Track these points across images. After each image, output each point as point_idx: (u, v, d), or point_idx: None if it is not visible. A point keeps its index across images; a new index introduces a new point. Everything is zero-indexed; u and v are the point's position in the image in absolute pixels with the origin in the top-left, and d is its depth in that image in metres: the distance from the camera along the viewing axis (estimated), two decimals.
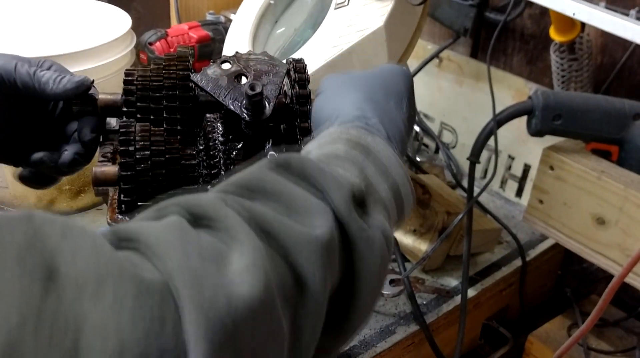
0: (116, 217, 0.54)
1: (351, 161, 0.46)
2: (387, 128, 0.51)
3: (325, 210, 0.41)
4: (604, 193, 0.79)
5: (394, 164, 0.48)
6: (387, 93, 0.54)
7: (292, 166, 0.42)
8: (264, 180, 0.41)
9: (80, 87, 0.58)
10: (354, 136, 0.48)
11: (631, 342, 0.91)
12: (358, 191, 0.44)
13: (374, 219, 0.44)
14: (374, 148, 0.48)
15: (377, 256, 0.43)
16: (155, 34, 1.23)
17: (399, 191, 0.48)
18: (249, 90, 0.55)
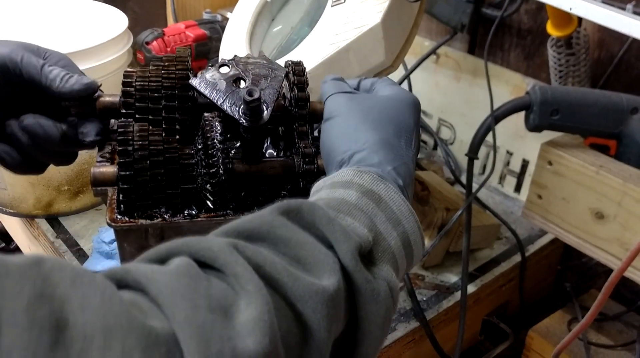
0: (115, 217, 0.54)
1: (361, 209, 0.46)
2: (399, 173, 0.51)
3: (333, 261, 0.41)
4: (603, 187, 0.79)
5: (405, 213, 0.48)
6: (398, 131, 0.54)
7: (303, 214, 0.43)
8: (274, 226, 0.41)
9: (87, 90, 0.58)
10: (367, 183, 0.48)
11: (631, 335, 0.91)
12: (365, 242, 0.44)
13: (381, 271, 0.44)
14: (385, 196, 0.48)
15: (382, 308, 0.43)
16: (152, 33, 1.23)
17: (409, 240, 0.48)
18: (247, 96, 0.55)
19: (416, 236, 0.49)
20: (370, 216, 0.46)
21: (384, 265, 0.45)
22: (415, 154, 0.55)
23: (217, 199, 0.56)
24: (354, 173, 0.49)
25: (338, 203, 0.46)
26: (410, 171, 0.53)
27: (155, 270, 0.34)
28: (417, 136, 0.56)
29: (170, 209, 0.55)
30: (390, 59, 0.82)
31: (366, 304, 0.42)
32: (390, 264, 0.46)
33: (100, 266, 0.88)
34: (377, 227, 0.46)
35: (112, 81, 1.01)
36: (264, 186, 0.59)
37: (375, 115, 0.54)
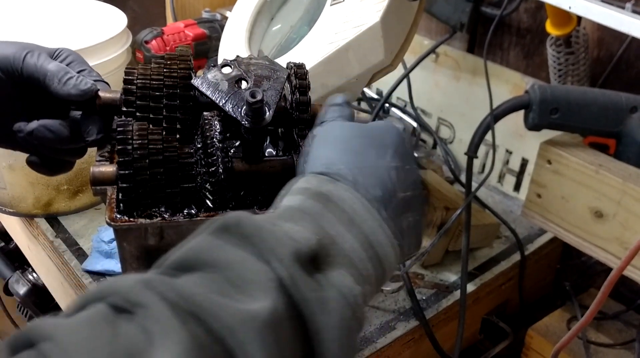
0: (115, 216, 0.54)
1: (305, 212, 0.43)
2: (355, 176, 0.47)
3: (267, 277, 0.37)
4: (602, 186, 0.79)
5: (360, 212, 0.44)
6: (367, 144, 0.50)
7: (230, 228, 0.39)
8: (201, 251, 0.38)
9: (84, 96, 0.57)
10: (314, 185, 0.45)
11: (630, 334, 0.92)
12: (305, 247, 0.39)
13: (330, 277, 0.40)
14: (335, 196, 0.44)
15: (335, 319, 0.38)
16: (151, 32, 1.23)
17: (369, 241, 0.44)
18: (250, 97, 0.55)
19: (378, 236, 0.44)
20: (316, 219, 0.42)
21: (335, 270, 0.41)
22: (397, 170, 0.50)
23: (216, 198, 0.56)
24: (304, 179, 0.47)
25: (281, 212, 0.43)
26: (379, 180, 0.48)
27: (58, 324, 0.32)
28: (400, 156, 0.51)
29: (169, 209, 0.55)
30: (389, 58, 0.82)
31: (313, 317, 0.37)
32: (345, 268, 0.41)
33: (100, 266, 0.88)
34: (325, 230, 0.42)
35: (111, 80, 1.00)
36: (263, 185, 0.59)
37: (345, 132, 0.52)
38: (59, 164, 0.64)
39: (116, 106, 0.60)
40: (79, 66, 0.61)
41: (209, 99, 0.58)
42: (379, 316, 0.85)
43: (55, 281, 0.99)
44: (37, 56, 0.58)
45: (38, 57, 0.58)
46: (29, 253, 1.09)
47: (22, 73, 0.57)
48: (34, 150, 0.62)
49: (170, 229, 0.55)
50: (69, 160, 0.65)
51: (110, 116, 0.62)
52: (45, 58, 0.58)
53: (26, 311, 1.16)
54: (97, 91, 0.59)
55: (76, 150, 0.63)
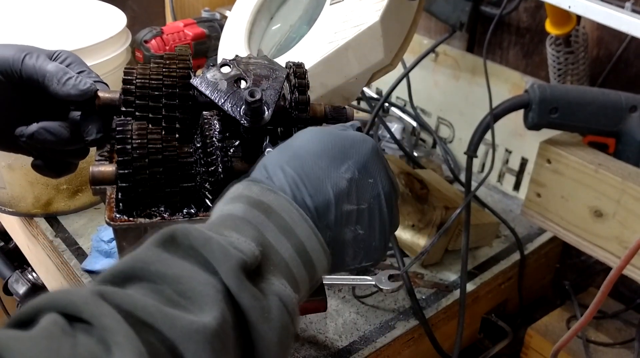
0: (114, 216, 0.54)
1: (249, 222, 0.44)
2: (295, 184, 0.48)
3: (215, 289, 0.38)
4: (602, 185, 0.79)
5: (297, 221, 0.46)
6: (321, 152, 0.50)
7: (177, 240, 0.40)
8: (148, 262, 0.39)
9: (83, 96, 0.58)
10: (255, 193, 0.46)
11: (630, 333, 0.92)
12: (251, 257, 0.41)
13: (271, 285, 0.42)
14: (275, 206, 0.46)
15: (276, 326, 0.41)
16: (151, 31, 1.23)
17: (304, 247, 0.46)
18: (249, 97, 0.55)
19: (313, 243, 0.46)
20: (258, 228, 0.44)
21: (275, 278, 0.43)
22: (350, 182, 0.50)
23: (215, 197, 0.56)
24: (244, 186, 0.47)
25: (223, 219, 0.44)
26: (321, 189, 0.48)
27: (13, 336, 0.31)
28: (359, 168, 0.51)
29: (169, 208, 0.55)
30: (389, 58, 0.82)
31: (257, 325, 0.40)
32: (284, 276, 0.43)
33: (99, 265, 0.88)
34: (266, 239, 0.44)
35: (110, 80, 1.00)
36: None
37: (305, 140, 0.51)
38: (63, 165, 0.64)
39: (115, 106, 0.60)
40: (78, 67, 0.61)
41: (208, 99, 0.58)
42: (379, 315, 0.85)
43: (55, 281, 0.99)
44: (35, 57, 0.58)
45: (37, 59, 0.58)
46: (29, 253, 1.09)
47: (22, 75, 0.57)
48: (36, 153, 0.62)
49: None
50: (72, 161, 0.65)
51: (110, 116, 0.62)
52: (44, 59, 0.58)
53: None
54: (96, 91, 0.59)
55: (78, 151, 0.63)
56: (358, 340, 0.81)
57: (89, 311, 0.34)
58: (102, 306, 0.34)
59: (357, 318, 0.85)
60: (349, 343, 0.80)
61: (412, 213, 0.93)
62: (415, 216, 0.93)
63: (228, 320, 0.38)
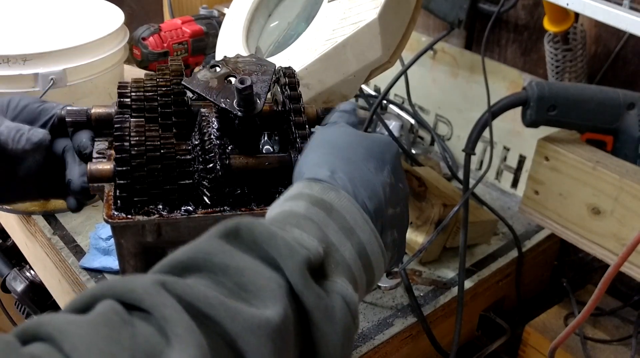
0: (112, 213, 0.54)
1: (311, 219, 0.43)
2: (355, 186, 0.47)
3: (277, 284, 0.38)
4: (599, 183, 0.79)
5: (359, 222, 0.45)
6: (367, 156, 0.50)
7: (241, 234, 0.40)
8: (211, 253, 0.38)
9: (38, 149, 0.58)
10: (317, 192, 0.46)
11: (627, 330, 0.92)
12: (315, 255, 0.41)
13: (335, 284, 0.41)
14: (337, 205, 0.45)
15: (339, 327, 0.40)
16: (149, 29, 1.22)
17: (365, 250, 0.45)
18: (239, 84, 0.55)
19: (373, 246, 0.46)
20: (320, 226, 0.43)
21: (338, 277, 0.42)
22: (390, 187, 0.51)
23: (213, 195, 0.56)
24: (304, 184, 0.47)
25: (285, 216, 0.44)
26: (376, 194, 0.48)
27: (71, 321, 0.31)
28: (395, 174, 0.52)
29: (167, 206, 0.55)
30: (387, 55, 0.82)
31: (321, 324, 0.39)
32: (345, 276, 0.43)
33: (97, 263, 0.88)
34: (328, 237, 0.43)
35: (108, 78, 1.00)
36: (260, 181, 0.59)
37: (345, 140, 0.52)
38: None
39: (111, 120, 0.60)
40: (35, 102, 0.61)
41: (200, 96, 0.59)
42: (377, 313, 0.85)
43: (53, 279, 0.99)
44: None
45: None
46: (27, 251, 1.08)
47: None
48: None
49: (168, 226, 0.55)
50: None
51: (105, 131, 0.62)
52: (4, 114, 0.59)
53: (24, 309, 1.16)
54: (50, 138, 0.59)
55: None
56: (356, 337, 0.81)
57: (150, 300, 0.33)
58: (163, 296, 0.33)
59: None
60: None
61: (410, 210, 0.93)
62: (413, 213, 0.93)
63: (290, 318, 0.37)
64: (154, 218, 0.54)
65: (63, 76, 0.93)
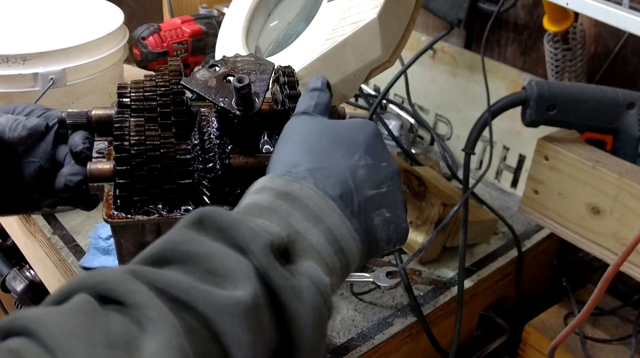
0: (112, 213, 0.54)
1: (274, 210, 0.44)
2: (316, 176, 0.48)
3: (246, 266, 0.39)
4: (599, 182, 0.79)
5: (325, 209, 0.46)
6: (332, 144, 0.51)
7: (205, 222, 0.41)
8: (179, 243, 0.39)
9: (33, 135, 0.59)
10: (279, 185, 0.46)
11: (627, 330, 0.92)
12: (278, 239, 0.42)
13: (301, 267, 0.42)
14: (300, 195, 0.46)
15: (308, 306, 0.40)
16: (148, 28, 1.22)
17: (334, 235, 0.46)
18: (237, 83, 0.55)
19: (342, 231, 0.46)
20: (284, 216, 0.44)
21: (305, 261, 0.43)
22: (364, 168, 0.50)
23: (213, 194, 0.56)
24: (267, 179, 0.48)
25: (249, 208, 0.44)
26: (340, 179, 0.48)
27: (47, 311, 0.32)
28: (371, 153, 0.52)
29: (167, 205, 0.55)
30: (386, 55, 0.82)
31: (289, 304, 0.40)
32: (314, 260, 0.43)
33: (97, 263, 0.88)
34: (292, 226, 0.44)
35: (107, 77, 1.00)
36: None
37: (313, 130, 0.52)
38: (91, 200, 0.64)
39: (111, 121, 0.60)
40: (40, 110, 0.62)
41: (199, 96, 0.59)
42: (377, 312, 0.85)
43: (53, 278, 0.99)
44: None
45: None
46: (26, 250, 1.08)
47: None
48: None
49: (168, 226, 0.55)
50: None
51: (105, 132, 0.62)
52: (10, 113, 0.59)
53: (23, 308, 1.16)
54: (46, 125, 0.60)
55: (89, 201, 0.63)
56: (356, 336, 0.81)
57: (121, 289, 0.34)
58: (134, 283, 0.34)
59: (354, 315, 0.85)
60: (347, 340, 0.81)
61: (410, 210, 0.93)
62: (413, 213, 0.93)
63: (260, 298, 0.38)
64: (153, 217, 0.54)
65: (63, 76, 0.93)
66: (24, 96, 0.91)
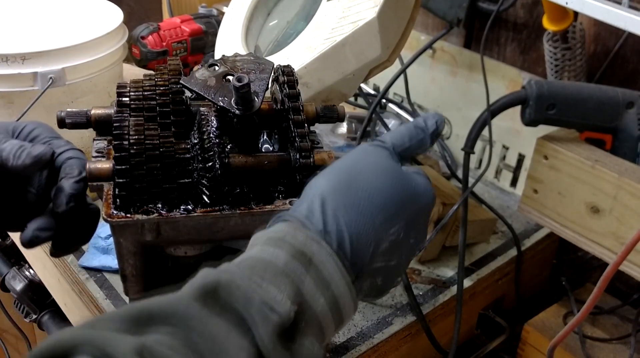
0: (111, 212, 0.54)
1: (288, 275, 0.44)
2: (343, 240, 0.47)
3: (247, 352, 0.40)
4: (598, 181, 0.79)
5: (335, 277, 0.46)
6: (381, 205, 0.49)
7: (219, 295, 0.41)
8: (187, 317, 0.39)
9: (38, 163, 0.56)
10: (299, 243, 0.46)
11: (626, 329, 0.92)
12: (286, 319, 0.42)
13: (301, 347, 0.43)
14: (316, 259, 0.45)
15: None
16: (148, 27, 1.22)
17: (338, 304, 0.46)
18: (236, 82, 0.55)
19: (346, 299, 0.47)
20: (296, 283, 0.44)
21: (306, 338, 0.43)
22: (397, 243, 0.50)
23: (213, 193, 0.56)
24: (289, 229, 0.47)
25: (264, 266, 0.44)
26: (364, 250, 0.48)
27: None
28: (410, 230, 0.50)
29: (166, 205, 0.55)
30: (386, 54, 0.82)
31: None
32: (314, 335, 0.44)
33: (97, 262, 0.88)
34: (302, 295, 0.44)
35: (107, 76, 1.00)
36: (260, 180, 0.59)
37: (364, 186, 0.49)
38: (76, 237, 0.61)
39: (110, 121, 0.60)
40: (46, 136, 0.60)
41: (199, 95, 0.59)
42: (376, 311, 0.85)
43: (52, 278, 0.99)
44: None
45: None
46: (25, 250, 1.08)
47: None
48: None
49: (167, 225, 0.55)
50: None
51: (104, 132, 0.62)
52: (1, 139, 0.57)
53: (23, 308, 1.15)
54: (52, 153, 0.57)
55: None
56: (355, 336, 0.81)
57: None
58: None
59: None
60: (347, 340, 0.81)
61: None
62: None
63: None
64: (153, 217, 0.54)
65: (62, 75, 0.93)
66: (23, 95, 0.91)
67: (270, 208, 0.57)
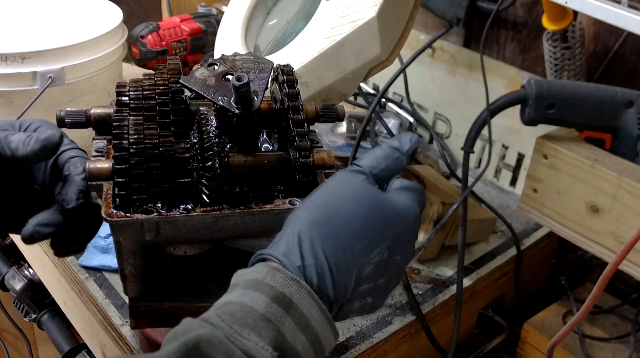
0: (111, 212, 0.54)
1: (269, 320, 0.44)
2: (323, 274, 0.47)
3: None
4: (598, 181, 0.79)
5: (315, 315, 0.46)
6: (361, 232, 0.49)
7: (201, 350, 0.41)
8: None
9: (46, 148, 0.55)
10: (279, 284, 0.46)
11: (625, 328, 0.92)
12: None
13: None
14: (296, 299, 0.46)
15: None
16: (147, 27, 1.22)
17: (318, 339, 0.47)
18: (236, 81, 0.55)
19: (326, 333, 0.47)
20: (277, 326, 0.44)
21: None
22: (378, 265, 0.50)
23: (212, 193, 0.56)
24: (267, 270, 0.47)
25: (245, 314, 0.44)
26: (345, 279, 0.48)
27: None
28: (393, 250, 0.50)
29: (166, 204, 0.55)
30: (386, 53, 0.82)
31: None
32: None
33: (96, 261, 0.88)
34: (284, 337, 0.45)
35: (106, 76, 1.00)
36: (260, 180, 0.59)
37: (339, 211, 0.49)
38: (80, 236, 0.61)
39: (109, 121, 0.60)
40: (46, 129, 0.60)
41: (198, 95, 0.59)
42: (376, 311, 0.85)
43: (52, 277, 0.99)
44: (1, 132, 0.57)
45: (2, 132, 0.57)
46: (25, 249, 1.08)
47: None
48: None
49: (167, 224, 0.55)
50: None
51: (104, 131, 0.62)
52: (7, 133, 0.57)
53: (22, 307, 1.16)
54: (60, 136, 0.57)
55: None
56: (355, 335, 0.81)
57: None
58: None
59: None
60: (346, 339, 0.81)
61: None
62: None
63: None
64: (152, 216, 0.54)
65: (61, 74, 0.93)
66: (23, 95, 0.91)
67: (270, 207, 0.57)
